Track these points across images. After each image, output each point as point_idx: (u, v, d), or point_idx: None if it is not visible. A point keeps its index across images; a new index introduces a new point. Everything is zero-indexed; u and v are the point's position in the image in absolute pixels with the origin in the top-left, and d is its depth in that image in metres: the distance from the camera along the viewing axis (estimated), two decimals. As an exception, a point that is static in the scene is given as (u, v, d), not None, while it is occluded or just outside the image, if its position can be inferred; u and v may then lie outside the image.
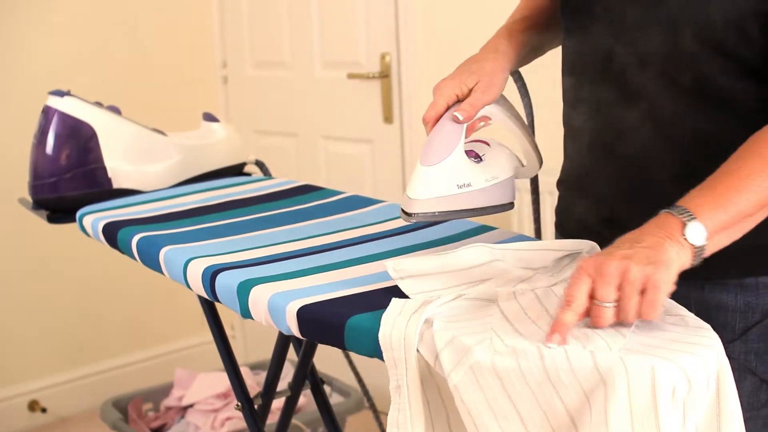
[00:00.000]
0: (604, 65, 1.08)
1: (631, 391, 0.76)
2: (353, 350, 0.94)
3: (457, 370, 0.82)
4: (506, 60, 1.14)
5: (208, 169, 1.71)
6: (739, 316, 1.06)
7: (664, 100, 1.04)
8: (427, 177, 1.06)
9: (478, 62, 1.12)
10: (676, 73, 1.03)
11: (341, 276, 1.08)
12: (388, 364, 0.89)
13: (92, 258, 2.96)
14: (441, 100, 1.09)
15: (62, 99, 1.57)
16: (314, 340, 1.01)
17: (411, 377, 0.87)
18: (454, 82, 1.09)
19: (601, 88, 1.09)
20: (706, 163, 0.96)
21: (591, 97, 1.11)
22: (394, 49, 2.74)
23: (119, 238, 1.36)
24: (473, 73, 1.10)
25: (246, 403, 1.42)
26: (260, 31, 3.19)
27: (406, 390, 0.88)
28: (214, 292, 1.12)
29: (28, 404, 3.01)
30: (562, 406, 0.78)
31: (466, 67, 1.12)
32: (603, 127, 1.11)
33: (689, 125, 1.04)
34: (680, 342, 0.83)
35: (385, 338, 0.88)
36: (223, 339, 1.39)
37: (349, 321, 0.93)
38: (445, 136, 1.07)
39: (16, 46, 2.90)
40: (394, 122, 2.77)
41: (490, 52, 1.14)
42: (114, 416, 2.49)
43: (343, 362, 1.84)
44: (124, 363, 3.21)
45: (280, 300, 1.01)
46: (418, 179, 1.06)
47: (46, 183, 1.56)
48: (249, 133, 3.18)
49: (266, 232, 1.31)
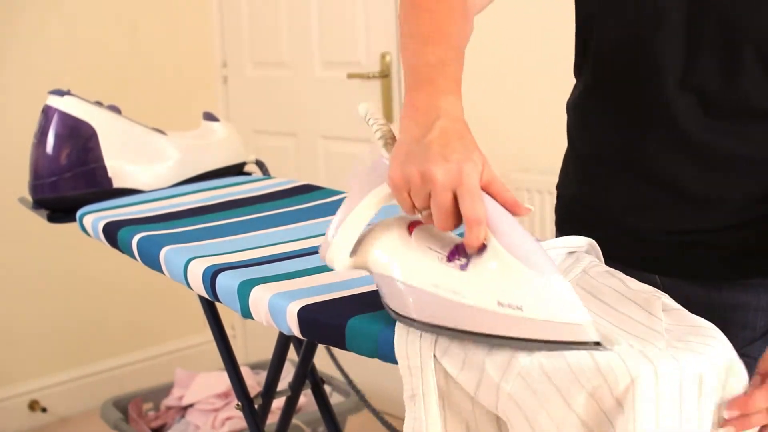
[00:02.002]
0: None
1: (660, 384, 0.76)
2: (354, 351, 0.94)
3: (507, 378, 0.80)
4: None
5: (208, 169, 1.71)
6: (761, 314, 1.05)
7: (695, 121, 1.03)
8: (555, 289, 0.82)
9: (468, 139, 0.89)
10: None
11: (342, 276, 1.08)
12: (402, 373, 0.86)
13: (92, 258, 2.96)
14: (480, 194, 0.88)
15: (62, 98, 1.57)
16: (315, 340, 1.01)
17: (427, 386, 0.85)
18: (476, 167, 0.86)
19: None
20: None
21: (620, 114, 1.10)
22: (394, 49, 2.74)
23: (119, 238, 1.36)
24: (477, 152, 0.88)
25: (246, 403, 1.41)
26: (260, 31, 3.20)
27: (422, 399, 0.85)
28: (214, 292, 1.12)
29: (28, 404, 3.01)
30: (612, 398, 0.77)
31: (464, 147, 0.85)
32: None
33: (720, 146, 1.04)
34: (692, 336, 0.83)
35: (401, 347, 0.86)
36: (223, 339, 1.39)
37: (350, 321, 0.93)
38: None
39: (16, 45, 2.91)
40: (394, 122, 2.77)
41: (461, 123, 0.90)
42: (114, 416, 2.50)
43: (343, 362, 1.84)
44: (124, 363, 3.21)
45: (281, 300, 1.00)
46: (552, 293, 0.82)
47: (46, 182, 1.56)
48: (249, 133, 3.18)
49: (266, 232, 1.31)
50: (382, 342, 0.90)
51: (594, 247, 1.04)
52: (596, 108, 1.14)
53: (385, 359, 0.90)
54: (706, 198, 1.03)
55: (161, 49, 3.20)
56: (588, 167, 1.17)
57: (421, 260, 0.86)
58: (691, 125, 1.02)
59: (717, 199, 1.03)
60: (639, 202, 1.09)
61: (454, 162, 0.79)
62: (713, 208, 1.03)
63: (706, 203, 1.03)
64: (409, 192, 0.82)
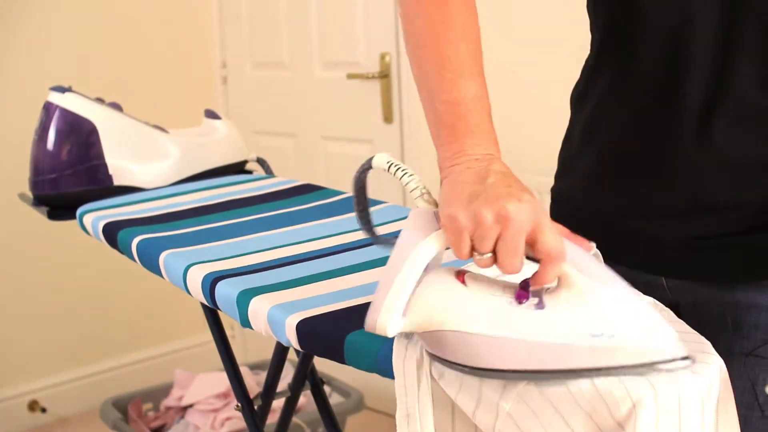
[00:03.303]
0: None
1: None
2: (353, 365, 0.93)
3: (506, 397, 0.79)
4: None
5: (209, 167, 1.71)
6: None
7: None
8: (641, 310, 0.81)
9: (520, 181, 0.89)
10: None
11: (342, 284, 1.07)
12: (398, 392, 0.85)
13: (92, 257, 2.96)
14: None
15: (63, 95, 1.57)
16: (314, 353, 1.00)
17: (423, 406, 0.84)
18: (543, 206, 0.86)
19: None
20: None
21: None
22: (393, 49, 2.74)
23: (119, 240, 1.36)
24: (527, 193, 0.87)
25: (246, 404, 1.41)
26: (260, 31, 3.20)
27: (417, 419, 0.84)
28: (214, 301, 1.11)
29: (28, 404, 3.01)
30: (612, 420, 0.77)
31: (525, 188, 0.86)
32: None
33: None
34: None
35: (398, 365, 0.85)
36: (223, 339, 1.39)
37: (349, 337, 0.92)
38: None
39: (17, 43, 2.91)
40: (394, 122, 2.77)
41: (498, 161, 0.89)
42: (114, 416, 2.49)
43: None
44: (124, 363, 3.20)
45: (280, 313, 1.00)
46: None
47: (46, 179, 1.55)
48: (248, 133, 3.18)
49: (266, 234, 1.30)
50: (381, 358, 0.89)
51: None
52: (612, 103, 1.11)
53: (383, 374, 0.90)
54: (725, 203, 1.02)
55: (161, 49, 3.19)
56: (595, 166, 1.15)
57: (492, 309, 0.81)
58: (717, 131, 1.01)
59: (735, 204, 1.01)
60: (652, 205, 1.07)
61: (526, 201, 0.77)
62: (731, 212, 1.02)
63: (725, 208, 1.02)
64: (472, 235, 0.78)
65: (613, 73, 1.09)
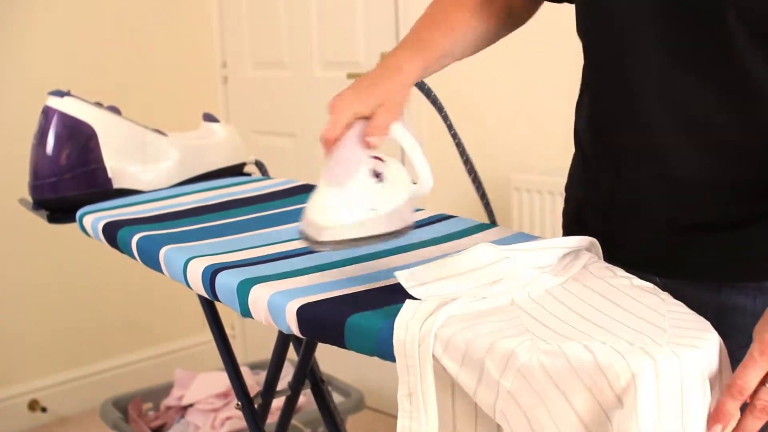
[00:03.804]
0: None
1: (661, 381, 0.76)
2: (354, 349, 0.94)
3: (506, 375, 0.80)
4: (410, 77, 1.08)
5: (208, 170, 1.71)
6: (756, 318, 1.05)
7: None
8: (340, 201, 1.00)
9: (381, 80, 1.06)
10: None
11: (341, 275, 1.08)
12: (400, 371, 0.87)
13: (92, 258, 2.97)
14: (342, 118, 1.02)
15: (62, 99, 1.57)
16: (314, 338, 1.01)
17: (426, 384, 0.85)
18: (356, 100, 1.03)
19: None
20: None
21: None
22: (393, 49, 2.74)
23: (119, 238, 1.36)
24: (376, 91, 1.04)
25: (246, 403, 1.42)
26: (260, 31, 3.20)
27: (420, 397, 0.85)
28: (214, 292, 1.12)
29: (28, 404, 3.01)
30: (612, 394, 0.78)
31: (367, 83, 1.05)
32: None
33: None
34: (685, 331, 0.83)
35: (399, 344, 0.87)
36: (223, 339, 1.40)
37: (349, 320, 0.93)
38: (353, 156, 1.02)
39: (16, 46, 2.91)
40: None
41: (393, 72, 1.08)
42: (114, 416, 2.50)
43: (343, 362, 1.84)
44: (124, 363, 3.21)
45: (280, 299, 1.01)
46: (330, 204, 0.99)
47: (46, 183, 1.56)
48: (248, 133, 3.18)
49: (266, 231, 1.31)
50: (381, 340, 0.90)
51: (594, 245, 1.05)
52: (599, 109, 1.14)
53: (384, 357, 0.91)
54: (701, 182, 1.03)
55: (161, 49, 3.20)
56: (592, 168, 1.17)
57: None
58: (699, 111, 1.02)
59: (712, 185, 1.03)
60: (640, 195, 1.09)
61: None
62: (710, 193, 1.03)
63: (701, 188, 1.03)
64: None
65: (589, 78, 1.13)
